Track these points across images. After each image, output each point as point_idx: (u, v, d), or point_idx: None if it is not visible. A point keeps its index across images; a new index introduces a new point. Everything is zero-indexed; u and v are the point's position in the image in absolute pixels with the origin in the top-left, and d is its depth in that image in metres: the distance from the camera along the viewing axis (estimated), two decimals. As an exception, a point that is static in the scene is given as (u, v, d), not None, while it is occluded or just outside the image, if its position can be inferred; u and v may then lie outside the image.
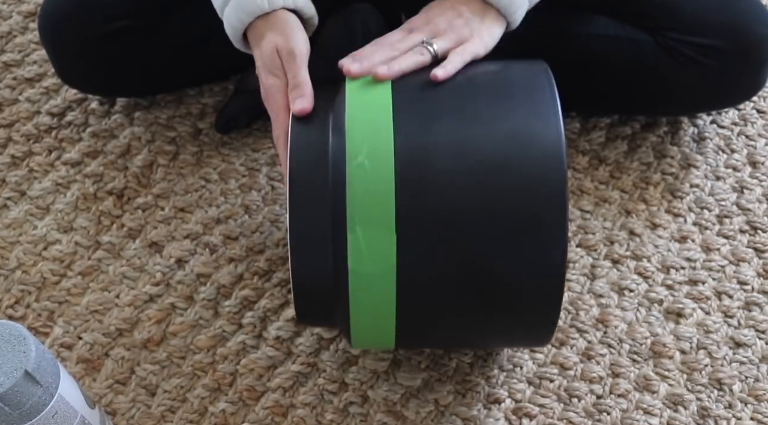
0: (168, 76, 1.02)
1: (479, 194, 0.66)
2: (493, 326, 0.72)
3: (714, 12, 0.90)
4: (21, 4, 1.15)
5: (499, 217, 0.66)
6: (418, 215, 0.66)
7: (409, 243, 0.66)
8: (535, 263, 0.67)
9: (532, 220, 0.66)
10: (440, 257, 0.67)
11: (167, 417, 0.83)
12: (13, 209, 0.97)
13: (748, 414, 0.84)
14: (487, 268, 0.67)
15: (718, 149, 1.03)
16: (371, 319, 0.70)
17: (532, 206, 0.66)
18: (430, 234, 0.66)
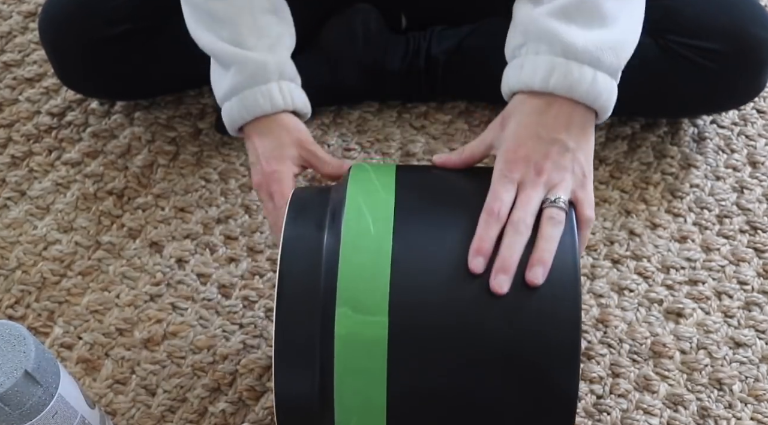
0: (168, 80, 1.02)
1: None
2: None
3: (714, 15, 0.90)
4: (21, 4, 1.15)
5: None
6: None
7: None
8: None
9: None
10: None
11: (167, 417, 0.83)
12: (13, 209, 0.97)
13: (748, 414, 0.84)
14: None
15: (718, 149, 1.03)
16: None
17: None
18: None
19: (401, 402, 0.61)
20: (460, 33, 0.99)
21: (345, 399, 0.61)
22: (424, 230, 0.63)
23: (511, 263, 0.61)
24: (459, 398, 0.61)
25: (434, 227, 0.63)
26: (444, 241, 0.62)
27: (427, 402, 0.61)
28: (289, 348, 0.62)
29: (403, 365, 0.60)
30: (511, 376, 0.60)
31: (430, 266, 0.61)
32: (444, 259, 0.62)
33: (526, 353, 0.60)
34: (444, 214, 0.65)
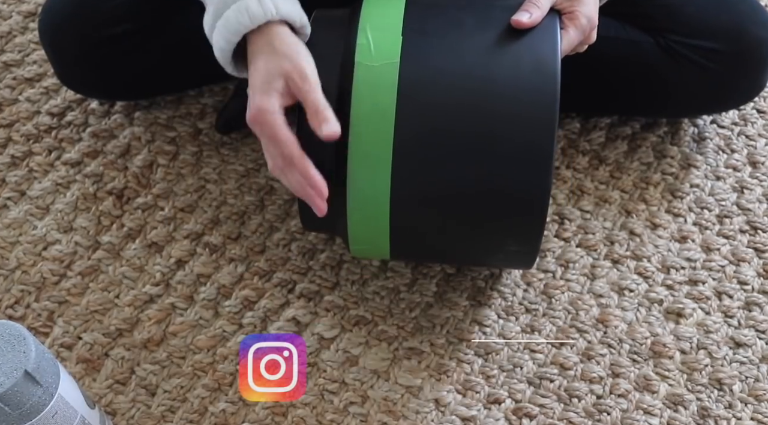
0: (168, 80, 1.02)
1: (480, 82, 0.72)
2: (485, 217, 0.75)
3: (715, 15, 0.90)
4: (21, 4, 1.15)
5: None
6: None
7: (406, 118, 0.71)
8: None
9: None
10: (438, 127, 0.72)
11: (167, 417, 0.83)
12: (13, 209, 0.97)
13: (748, 414, 0.84)
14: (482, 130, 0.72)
15: (718, 149, 1.03)
16: (367, 207, 0.74)
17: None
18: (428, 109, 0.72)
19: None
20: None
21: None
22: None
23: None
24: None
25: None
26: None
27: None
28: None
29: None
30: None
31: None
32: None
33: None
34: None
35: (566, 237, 0.95)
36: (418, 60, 0.72)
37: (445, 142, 0.72)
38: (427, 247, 0.81)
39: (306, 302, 0.90)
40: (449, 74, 0.72)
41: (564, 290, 0.91)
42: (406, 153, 0.71)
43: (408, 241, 0.79)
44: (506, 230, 0.76)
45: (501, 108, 0.71)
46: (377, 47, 0.72)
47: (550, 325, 0.89)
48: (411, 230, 0.77)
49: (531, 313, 0.90)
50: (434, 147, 0.72)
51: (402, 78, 0.71)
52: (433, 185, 0.73)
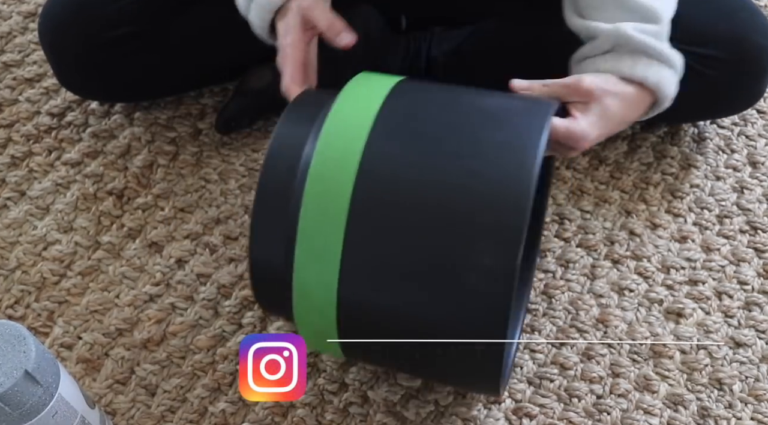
0: (168, 82, 1.02)
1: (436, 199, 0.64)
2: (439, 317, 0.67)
3: (715, 22, 0.90)
4: (21, 4, 1.15)
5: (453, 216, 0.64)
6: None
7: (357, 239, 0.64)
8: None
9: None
10: (387, 247, 0.65)
11: (167, 417, 0.83)
12: (13, 209, 0.97)
13: (748, 414, 0.84)
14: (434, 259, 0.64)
15: (718, 149, 1.03)
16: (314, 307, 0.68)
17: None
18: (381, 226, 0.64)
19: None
20: (461, 34, 0.99)
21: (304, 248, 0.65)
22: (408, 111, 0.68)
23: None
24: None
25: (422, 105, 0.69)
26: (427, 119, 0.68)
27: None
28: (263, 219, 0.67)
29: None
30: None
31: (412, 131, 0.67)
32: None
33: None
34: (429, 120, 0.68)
35: (566, 237, 0.95)
36: (380, 151, 0.65)
37: (398, 245, 0.64)
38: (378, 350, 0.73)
39: (306, 302, 0.90)
40: (416, 164, 0.65)
41: (564, 290, 0.91)
42: (357, 249, 0.64)
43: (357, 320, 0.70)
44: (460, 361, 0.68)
45: (461, 221, 0.63)
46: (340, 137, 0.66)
47: (550, 325, 0.89)
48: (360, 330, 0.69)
49: (531, 313, 0.90)
50: (387, 248, 0.64)
51: (361, 169, 0.64)
52: (381, 295, 0.66)
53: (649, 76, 0.77)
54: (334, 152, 0.65)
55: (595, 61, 0.78)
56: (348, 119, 0.67)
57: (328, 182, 0.65)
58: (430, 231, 0.63)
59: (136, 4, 0.92)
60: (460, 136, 0.66)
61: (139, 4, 0.93)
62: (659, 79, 0.77)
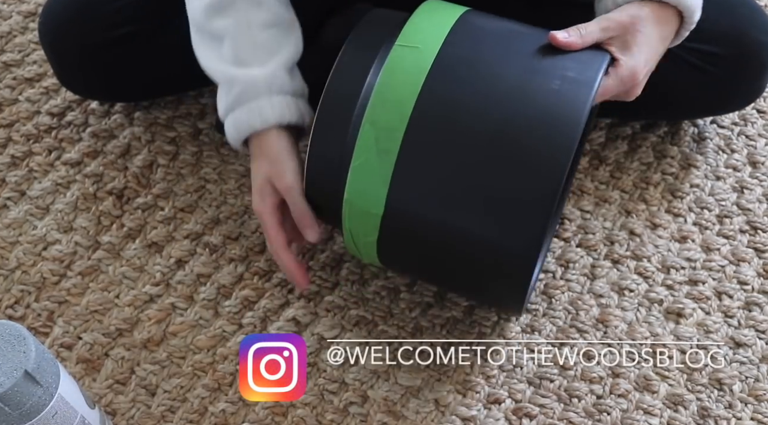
0: (168, 82, 1.01)
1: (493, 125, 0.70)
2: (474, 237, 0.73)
3: (715, 19, 0.90)
4: (21, 4, 1.15)
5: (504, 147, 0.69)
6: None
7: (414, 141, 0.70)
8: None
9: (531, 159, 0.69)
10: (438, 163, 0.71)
11: (167, 417, 0.83)
12: (13, 209, 0.97)
13: (748, 414, 0.84)
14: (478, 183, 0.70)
15: (718, 149, 1.03)
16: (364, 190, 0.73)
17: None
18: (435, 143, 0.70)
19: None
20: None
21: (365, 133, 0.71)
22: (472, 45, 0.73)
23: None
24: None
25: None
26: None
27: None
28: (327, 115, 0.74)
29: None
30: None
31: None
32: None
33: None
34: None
35: (566, 237, 0.95)
36: (445, 75, 0.71)
37: (449, 167, 0.70)
38: (414, 256, 0.79)
39: (306, 302, 0.90)
40: (473, 97, 0.71)
41: (564, 290, 0.91)
42: (409, 164, 0.70)
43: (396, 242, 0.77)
44: (493, 269, 0.74)
45: (510, 147, 0.69)
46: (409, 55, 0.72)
47: (550, 325, 0.89)
48: (400, 233, 0.75)
49: (531, 313, 0.90)
50: (437, 168, 0.71)
51: (424, 89, 0.70)
52: (428, 204, 0.72)
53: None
54: (399, 75, 0.71)
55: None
56: (414, 49, 0.72)
57: (393, 94, 0.71)
58: (480, 151, 0.69)
59: (136, 4, 0.92)
60: (518, 74, 0.71)
61: (139, 4, 0.92)
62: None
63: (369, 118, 0.71)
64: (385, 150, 0.70)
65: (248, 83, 0.78)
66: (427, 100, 0.70)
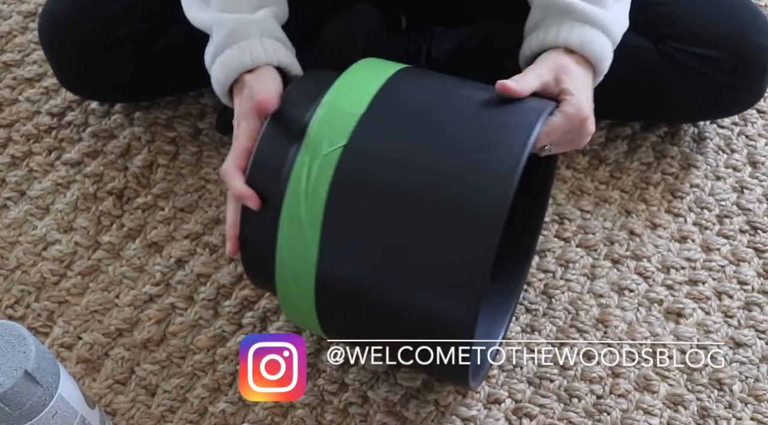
0: (168, 82, 1.01)
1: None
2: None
3: (715, 22, 0.90)
4: (21, 4, 1.15)
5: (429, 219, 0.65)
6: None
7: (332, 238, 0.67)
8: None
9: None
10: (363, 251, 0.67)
11: (167, 417, 0.83)
12: (13, 209, 0.97)
13: (748, 414, 0.84)
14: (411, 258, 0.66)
15: (718, 149, 1.03)
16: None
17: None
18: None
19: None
20: (461, 34, 0.99)
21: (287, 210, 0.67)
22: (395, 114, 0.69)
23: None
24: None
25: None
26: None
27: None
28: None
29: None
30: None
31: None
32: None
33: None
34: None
35: (566, 237, 0.95)
36: (365, 140, 0.67)
37: (374, 234, 0.66)
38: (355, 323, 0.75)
39: (306, 302, 0.90)
40: (396, 155, 0.67)
41: (564, 290, 0.91)
42: (335, 230, 0.67)
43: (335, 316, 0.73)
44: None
45: (438, 205, 0.65)
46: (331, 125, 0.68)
47: (550, 325, 0.89)
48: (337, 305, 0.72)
49: (531, 313, 0.90)
50: (363, 236, 0.67)
51: (343, 158, 0.66)
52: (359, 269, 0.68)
53: (570, 40, 0.74)
54: (326, 127, 0.67)
55: (529, 38, 0.77)
56: (345, 99, 0.69)
57: (316, 158, 0.66)
58: (407, 214, 0.65)
59: (135, 5, 0.92)
60: (452, 127, 0.67)
61: (139, 4, 0.93)
62: (581, 40, 0.74)
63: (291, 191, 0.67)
64: (309, 221, 0.66)
65: (238, 22, 0.75)
66: (351, 158, 0.66)
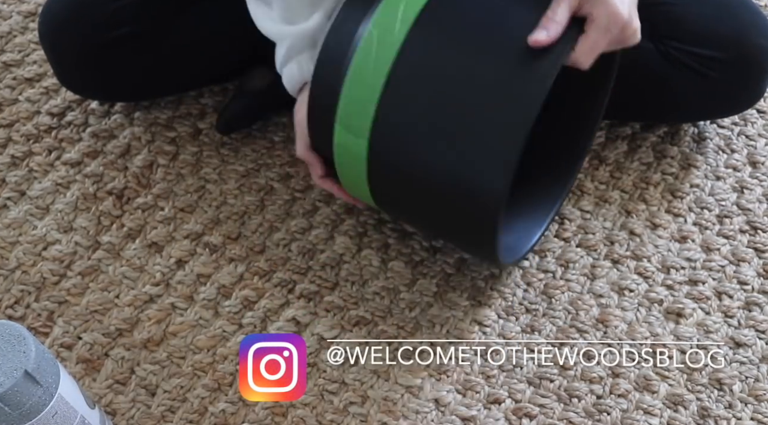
0: (168, 82, 1.02)
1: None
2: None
3: (716, 23, 0.90)
4: (21, 4, 1.15)
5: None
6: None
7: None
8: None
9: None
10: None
11: (167, 417, 0.83)
12: (13, 209, 0.97)
13: (748, 414, 0.84)
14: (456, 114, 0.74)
15: (718, 149, 1.03)
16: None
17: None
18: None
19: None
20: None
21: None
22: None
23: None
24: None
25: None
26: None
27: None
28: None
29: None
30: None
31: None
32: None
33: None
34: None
35: (566, 237, 0.95)
36: (418, 49, 0.74)
37: (422, 122, 0.74)
38: (400, 202, 0.84)
39: (306, 302, 0.90)
40: (443, 67, 0.74)
41: (564, 290, 0.91)
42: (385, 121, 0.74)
43: (385, 192, 0.81)
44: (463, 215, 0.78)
45: (477, 103, 0.73)
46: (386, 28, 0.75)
47: (550, 325, 0.89)
48: (386, 183, 0.80)
49: (531, 313, 0.90)
50: (411, 125, 0.75)
51: (398, 61, 0.73)
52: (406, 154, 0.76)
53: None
54: (384, 30, 0.74)
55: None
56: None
57: (379, 43, 0.74)
58: (455, 95, 0.73)
59: (136, 4, 0.92)
60: (497, 35, 0.74)
61: (139, 4, 0.92)
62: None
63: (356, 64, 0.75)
64: (371, 84, 0.74)
65: (295, 38, 0.81)
66: (410, 52, 0.73)
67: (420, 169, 0.76)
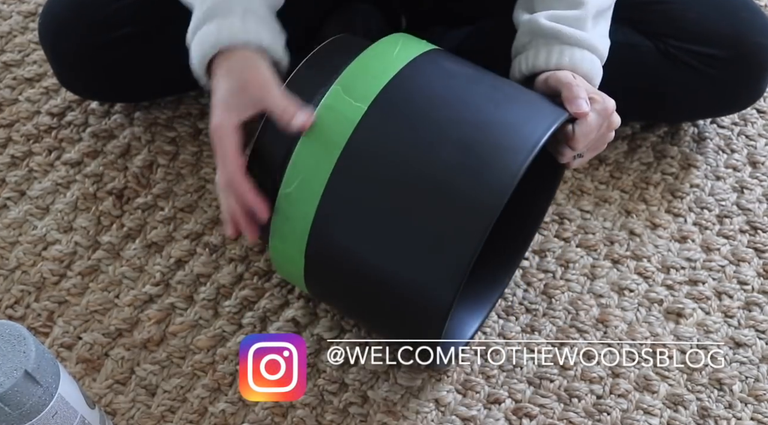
0: (168, 82, 1.01)
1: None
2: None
3: (715, 21, 0.90)
4: (21, 4, 1.15)
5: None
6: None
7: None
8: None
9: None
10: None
11: (167, 417, 0.83)
12: (12, 209, 0.97)
13: (748, 414, 0.84)
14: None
15: (718, 149, 1.03)
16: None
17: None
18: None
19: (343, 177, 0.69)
20: (461, 34, 0.99)
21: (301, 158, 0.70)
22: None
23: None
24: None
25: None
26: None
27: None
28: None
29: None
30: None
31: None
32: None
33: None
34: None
35: (566, 237, 0.95)
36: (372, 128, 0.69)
37: (369, 217, 0.69)
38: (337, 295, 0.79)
39: (305, 302, 0.90)
40: (400, 147, 0.69)
41: (564, 290, 0.91)
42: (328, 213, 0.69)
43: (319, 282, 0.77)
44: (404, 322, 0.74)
45: (439, 190, 0.67)
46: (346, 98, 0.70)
47: (550, 325, 0.89)
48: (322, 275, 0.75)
49: (531, 313, 0.90)
50: (356, 218, 0.70)
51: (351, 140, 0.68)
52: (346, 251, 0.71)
53: (562, 62, 0.76)
54: (343, 105, 0.69)
55: (518, 60, 0.79)
56: (367, 72, 0.71)
57: (330, 124, 0.69)
58: (408, 191, 0.68)
59: (136, 5, 0.92)
60: (465, 115, 0.70)
61: (139, 4, 0.92)
62: (572, 61, 0.76)
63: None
64: (315, 176, 0.69)
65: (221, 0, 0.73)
66: (364, 133, 0.68)
67: (360, 268, 0.71)
